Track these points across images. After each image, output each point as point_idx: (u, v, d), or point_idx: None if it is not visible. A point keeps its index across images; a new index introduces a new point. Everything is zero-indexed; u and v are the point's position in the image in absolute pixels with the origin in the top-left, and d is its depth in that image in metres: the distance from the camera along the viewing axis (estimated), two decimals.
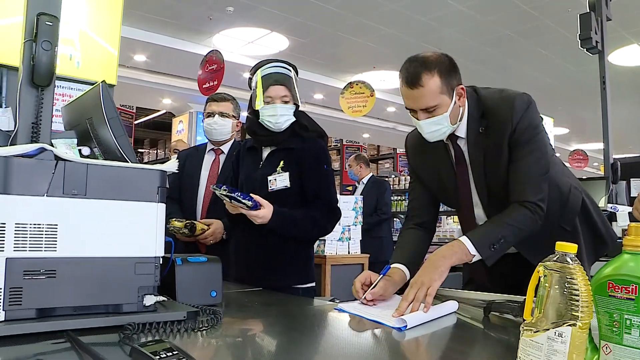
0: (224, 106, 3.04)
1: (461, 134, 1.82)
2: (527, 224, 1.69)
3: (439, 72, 1.67)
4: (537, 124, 1.76)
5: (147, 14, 6.79)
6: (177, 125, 10.48)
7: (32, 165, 1.09)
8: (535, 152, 1.73)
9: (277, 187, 2.19)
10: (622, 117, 10.81)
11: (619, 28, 6.56)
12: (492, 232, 1.67)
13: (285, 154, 2.24)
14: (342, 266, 4.59)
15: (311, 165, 2.22)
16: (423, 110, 1.72)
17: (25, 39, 1.41)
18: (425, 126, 1.75)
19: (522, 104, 1.73)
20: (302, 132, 2.26)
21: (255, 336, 1.30)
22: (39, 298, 1.09)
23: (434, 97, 1.68)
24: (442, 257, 1.61)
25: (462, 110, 1.77)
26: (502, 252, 1.68)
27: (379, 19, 6.86)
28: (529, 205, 1.70)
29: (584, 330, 0.89)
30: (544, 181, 1.74)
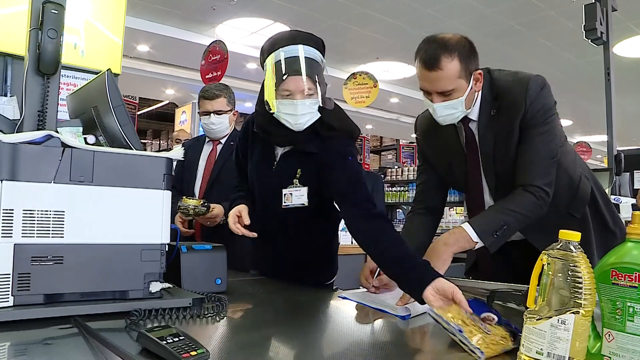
0: (218, 103, 2.98)
1: (473, 117, 1.79)
2: (531, 210, 1.67)
3: (459, 56, 1.63)
4: (550, 107, 1.73)
5: (150, 4, 6.77)
6: (180, 116, 10.47)
7: (39, 152, 1.10)
8: (545, 135, 1.71)
9: (292, 204, 1.81)
10: (626, 109, 10.78)
11: (624, 19, 6.51)
12: (494, 219, 1.65)
13: (302, 160, 1.82)
14: (345, 256, 4.58)
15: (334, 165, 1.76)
16: (439, 93, 1.68)
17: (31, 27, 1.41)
18: (439, 110, 1.70)
19: (536, 85, 1.70)
20: (324, 132, 1.79)
21: (259, 323, 1.31)
22: (46, 284, 1.10)
23: (452, 81, 1.64)
24: (444, 245, 1.60)
25: (477, 95, 1.75)
26: (505, 239, 1.66)
27: (383, 9, 6.83)
28: (534, 189, 1.67)
29: (586, 317, 0.90)
30: (552, 165, 1.72)
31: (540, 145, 1.70)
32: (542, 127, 1.70)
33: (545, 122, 1.71)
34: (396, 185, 8.16)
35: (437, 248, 1.61)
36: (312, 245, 1.94)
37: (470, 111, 1.76)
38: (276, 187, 1.85)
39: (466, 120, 1.80)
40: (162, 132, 14.45)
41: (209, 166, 3.05)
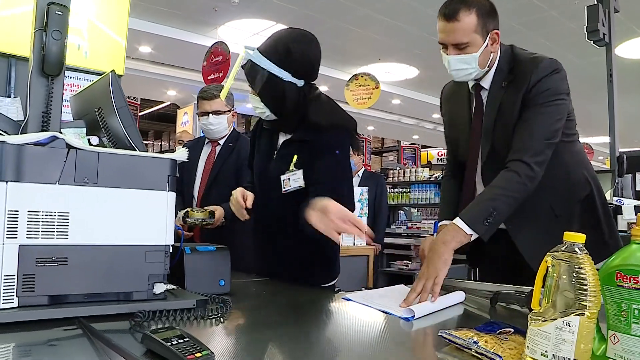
0: (216, 104, 3.00)
1: (486, 85, 1.85)
2: (515, 189, 1.66)
3: (477, 11, 1.73)
4: (558, 92, 1.73)
5: (153, 5, 6.78)
6: (181, 117, 10.48)
7: (44, 154, 1.10)
8: (544, 116, 1.71)
9: (290, 188, 1.91)
10: (628, 111, 10.77)
11: (626, 20, 6.51)
12: (483, 207, 1.65)
13: (298, 148, 1.93)
14: (348, 257, 4.60)
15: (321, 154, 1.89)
16: (454, 45, 1.76)
17: (36, 28, 1.42)
18: (453, 62, 1.78)
19: (547, 66, 1.73)
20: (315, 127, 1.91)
21: (263, 325, 1.31)
22: (51, 285, 1.10)
23: (467, 34, 1.73)
24: (443, 244, 1.60)
25: (492, 57, 1.80)
26: (497, 224, 1.65)
27: (385, 10, 6.84)
28: (518, 165, 1.67)
29: (591, 319, 0.89)
30: (545, 146, 1.70)
31: (537, 124, 1.71)
32: (544, 107, 1.71)
33: (547, 104, 1.71)
34: (398, 186, 8.16)
35: (436, 248, 1.61)
36: (312, 244, 1.92)
37: (484, 78, 1.84)
38: (276, 175, 1.94)
39: (479, 88, 1.87)
40: (164, 133, 14.46)
41: (208, 167, 3.06)
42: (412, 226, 7.61)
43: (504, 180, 1.68)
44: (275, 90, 1.87)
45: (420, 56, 8.38)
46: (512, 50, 1.85)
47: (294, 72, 1.88)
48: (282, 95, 1.88)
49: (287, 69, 1.86)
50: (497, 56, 1.83)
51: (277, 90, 1.87)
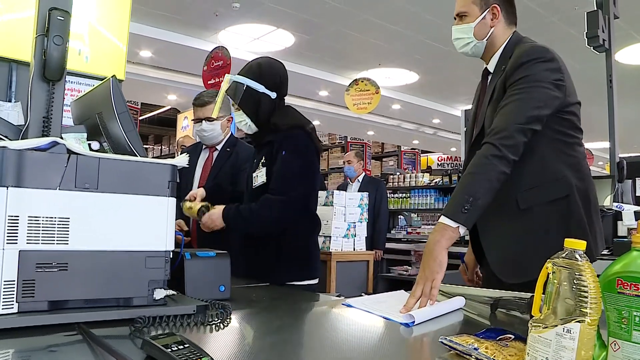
0: (208, 110, 2.98)
1: (490, 69, 1.94)
2: (483, 169, 1.64)
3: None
4: (538, 80, 1.72)
5: (153, 10, 6.80)
6: (182, 122, 10.48)
7: (45, 159, 1.10)
8: (519, 101, 1.70)
9: (257, 184, 2.23)
10: (628, 116, 10.78)
11: (626, 26, 6.53)
12: (458, 196, 1.62)
13: (266, 150, 2.24)
14: (348, 263, 4.60)
15: (277, 154, 2.18)
16: (457, 15, 1.92)
17: (37, 33, 1.42)
18: (454, 32, 1.95)
19: (531, 54, 1.75)
20: (275, 128, 2.22)
21: (264, 330, 1.31)
22: (51, 290, 1.10)
23: (466, 4, 1.89)
24: (435, 243, 1.58)
25: (493, 32, 1.90)
26: (478, 209, 1.60)
27: (385, 16, 6.85)
28: (485, 147, 1.67)
29: (592, 326, 0.89)
30: (517, 130, 1.66)
31: (510, 108, 1.71)
32: (520, 93, 1.71)
33: (524, 90, 1.71)
34: (398, 191, 8.16)
35: (430, 250, 1.59)
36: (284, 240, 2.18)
37: (490, 62, 1.94)
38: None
39: (487, 72, 1.97)
40: (164, 137, 14.49)
41: (205, 172, 3.07)
42: (412, 231, 7.61)
43: (472, 165, 1.68)
44: (252, 100, 2.22)
45: (420, 61, 8.41)
46: (521, 39, 1.90)
47: (266, 84, 2.23)
48: (258, 104, 2.23)
49: (260, 82, 2.22)
50: (505, 40, 1.90)
51: (254, 100, 2.22)
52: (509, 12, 1.92)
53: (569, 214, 1.78)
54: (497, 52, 1.90)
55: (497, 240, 1.84)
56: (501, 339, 1.11)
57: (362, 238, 4.85)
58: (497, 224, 1.81)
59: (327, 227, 4.54)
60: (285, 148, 2.16)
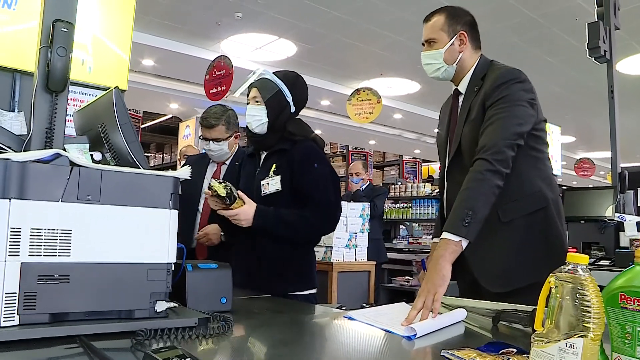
0: (216, 132, 2.99)
1: (462, 90, 2.03)
2: (479, 184, 1.72)
3: (447, 14, 2.00)
4: (517, 99, 1.83)
5: (156, 19, 6.83)
6: (183, 130, 10.51)
7: (47, 171, 1.11)
8: (505, 119, 1.80)
9: (269, 191, 2.20)
10: (629, 126, 10.79)
11: (627, 37, 6.55)
12: (458, 211, 1.70)
13: (277, 157, 2.25)
14: (349, 273, 4.59)
15: (301, 166, 2.19)
16: (426, 42, 2.03)
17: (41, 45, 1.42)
18: (423, 58, 2.05)
19: (506, 76, 1.87)
20: (291, 137, 2.25)
21: (266, 343, 1.31)
22: (52, 303, 1.09)
23: (434, 32, 2.00)
24: (438, 258, 1.63)
25: (461, 57, 2.00)
26: (478, 223, 1.68)
27: (387, 26, 6.88)
28: (479, 163, 1.75)
29: (595, 341, 0.89)
30: (506, 146, 1.77)
31: (497, 126, 1.80)
32: (503, 111, 1.82)
33: (506, 109, 1.82)
34: (399, 201, 8.15)
35: (434, 264, 1.63)
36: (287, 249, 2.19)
37: (461, 83, 2.03)
38: (258, 186, 2.24)
39: (457, 93, 2.07)
40: (166, 145, 14.49)
41: None
42: (414, 241, 7.60)
43: (468, 180, 1.76)
44: (278, 103, 2.24)
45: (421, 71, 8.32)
46: (491, 62, 2.01)
47: (294, 96, 2.26)
48: (281, 110, 2.24)
49: (291, 92, 2.25)
50: (474, 63, 2.02)
51: (281, 105, 2.24)
52: (474, 38, 2.04)
53: (547, 224, 1.91)
54: (467, 74, 2.02)
55: (481, 252, 1.90)
56: (503, 352, 1.11)
57: (363, 248, 4.84)
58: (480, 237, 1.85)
59: (329, 238, 4.54)
60: (314, 160, 2.22)
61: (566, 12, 6.19)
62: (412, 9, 6.32)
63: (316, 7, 6.39)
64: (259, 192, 2.22)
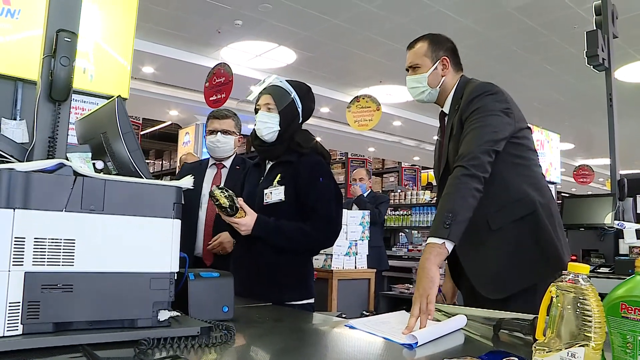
0: (226, 123, 3.08)
1: (446, 111, 2.12)
2: (456, 188, 1.77)
3: (429, 40, 2.12)
4: (490, 109, 1.89)
5: (156, 27, 6.85)
6: (183, 137, 10.53)
7: (51, 181, 1.11)
8: (478, 129, 1.87)
9: (272, 201, 2.21)
10: (628, 133, 10.81)
11: (625, 45, 6.58)
12: (438, 216, 1.74)
13: (283, 168, 2.25)
14: (349, 281, 4.59)
15: (306, 179, 2.20)
16: (410, 68, 2.13)
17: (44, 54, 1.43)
18: (408, 82, 2.15)
19: (479, 90, 1.94)
20: (298, 149, 2.26)
21: (267, 352, 1.31)
22: (55, 312, 1.10)
23: (418, 57, 2.10)
24: (424, 262, 1.66)
25: (444, 80, 2.09)
26: (460, 224, 1.70)
27: (386, 33, 6.91)
28: (455, 170, 1.81)
29: (597, 351, 0.89)
30: (481, 151, 1.81)
31: (470, 136, 1.87)
32: (477, 122, 1.89)
33: (479, 120, 1.89)
34: (399, 209, 8.15)
35: (421, 268, 1.66)
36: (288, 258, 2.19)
37: (445, 105, 2.11)
38: (261, 193, 2.25)
39: (443, 114, 2.15)
40: (165, 152, 14.50)
41: None
42: (413, 249, 7.60)
43: (447, 186, 1.81)
44: (292, 114, 2.27)
45: None
46: (468, 80, 2.09)
47: (304, 108, 2.31)
48: (292, 120, 2.28)
49: (302, 103, 2.30)
50: (454, 84, 2.10)
51: (292, 115, 2.28)
52: (456, 62, 2.14)
53: (537, 228, 1.93)
54: (449, 95, 2.10)
55: (475, 260, 1.96)
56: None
57: (363, 256, 4.84)
58: (472, 246, 1.94)
59: None
60: (320, 175, 2.24)
61: (565, 20, 6.23)
62: (411, 16, 6.35)
63: (316, 15, 6.42)
64: (261, 201, 2.23)
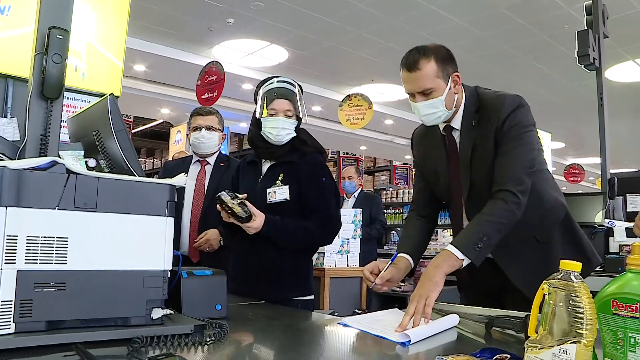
0: (210, 120, 3.09)
1: (456, 126, 1.92)
2: (503, 216, 1.72)
3: (435, 58, 1.81)
4: (526, 125, 1.82)
5: (148, 24, 6.82)
6: (174, 135, 10.49)
7: (44, 179, 1.11)
8: (519, 148, 1.79)
9: (276, 200, 2.21)
10: (618, 132, 10.89)
11: (615, 45, 6.62)
12: (473, 233, 1.71)
13: (284, 168, 2.25)
14: (341, 279, 4.59)
15: (309, 178, 2.23)
16: (420, 92, 1.84)
17: (36, 51, 1.42)
18: (422, 108, 1.86)
19: (511, 103, 1.81)
20: (301, 147, 2.28)
21: (261, 350, 1.31)
22: (48, 310, 1.09)
23: (430, 80, 1.81)
24: (435, 267, 1.65)
25: (457, 98, 1.88)
26: (488, 249, 1.71)
27: (379, 32, 6.91)
28: (504, 194, 1.74)
29: (588, 347, 0.90)
30: (526, 175, 1.78)
31: (515, 156, 1.80)
32: (516, 141, 1.80)
33: (519, 137, 1.80)
34: (391, 207, 8.17)
35: (428, 272, 1.65)
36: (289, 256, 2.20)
37: (453, 119, 1.92)
38: (261, 193, 2.23)
39: (450, 129, 1.94)
40: (156, 150, 14.45)
41: (200, 187, 3.06)
42: None
43: (492, 207, 1.75)
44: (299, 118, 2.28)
45: None
46: (477, 91, 1.93)
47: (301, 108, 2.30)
48: (299, 121, 2.29)
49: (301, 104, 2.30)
50: (463, 97, 1.91)
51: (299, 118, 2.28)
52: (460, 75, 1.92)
53: (572, 230, 2.00)
54: (459, 110, 1.91)
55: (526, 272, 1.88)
56: (497, 358, 1.12)
57: (355, 254, 4.84)
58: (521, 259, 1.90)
59: None
60: (323, 174, 2.26)
61: (556, 20, 6.26)
62: (403, 15, 6.37)
63: (308, 14, 6.41)
64: (261, 200, 2.21)
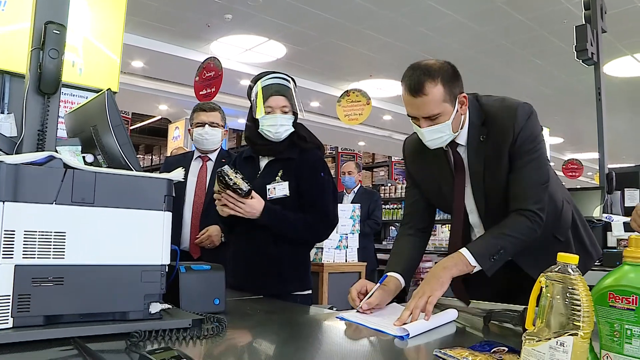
0: (213, 116, 3.10)
1: (461, 142, 1.82)
2: (525, 234, 1.70)
3: (442, 81, 1.66)
4: (537, 134, 1.77)
5: (146, 20, 6.80)
6: (173, 132, 10.47)
7: (41, 173, 1.11)
8: (535, 162, 1.74)
9: (276, 196, 2.21)
10: (616, 128, 10.89)
11: (614, 40, 6.61)
12: (491, 243, 1.68)
13: (283, 164, 2.26)
14: (340, 274, 4.61)
15: (308, 174, 2.25)
16: (426, 118, 1.71)
17: (33, 47, 1.42)
18: (427, 134, 1.73)
19: (524, 113, 1.73)
20: (300, 143, 2.29)
21: (259, 344, 1.31)
22: (46, 305, 1.09)
23: (437, 106, 1.67)
24: (443, 268, 1.63)
25: (463, 119, 1.77)
26: (502, 262, 1.69)
27: (377, 28, 6.90)
28: (528, 214, 1.71)
29: (585, 339, 0.91)
30: (543, 190, 1.75)
31: (532, 172, 1.74)
32: (532, 154, 1.74)
33: (534, 150, 1.75)
34: (389, 202, 8.18)
35: (435, 271, 1.63)
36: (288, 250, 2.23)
37: (458, 135, 1.79)
38: (259, 186, 2.21)
39: (454, 144, 1.82)
40: (155, 147, 14.42)
41: (202, 183, 3.06)
42: None
43: (514, 222, 1.72)
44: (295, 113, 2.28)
45: None
46: (478, 101, 1.83)
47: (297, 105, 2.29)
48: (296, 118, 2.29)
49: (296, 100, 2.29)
50: (467, 114, 1.80)
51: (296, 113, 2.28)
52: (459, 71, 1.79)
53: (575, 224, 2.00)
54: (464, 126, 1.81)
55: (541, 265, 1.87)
56: (495, 351, 1.12)
57: (354, 249, 4.85)
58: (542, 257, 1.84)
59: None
60: (321, 170, 2.29)
61: (554, 15, 6.25)
62: (402, 10, 6.35)
63: (306, 9, 6.40)
64: (261, 195, 2.18)
